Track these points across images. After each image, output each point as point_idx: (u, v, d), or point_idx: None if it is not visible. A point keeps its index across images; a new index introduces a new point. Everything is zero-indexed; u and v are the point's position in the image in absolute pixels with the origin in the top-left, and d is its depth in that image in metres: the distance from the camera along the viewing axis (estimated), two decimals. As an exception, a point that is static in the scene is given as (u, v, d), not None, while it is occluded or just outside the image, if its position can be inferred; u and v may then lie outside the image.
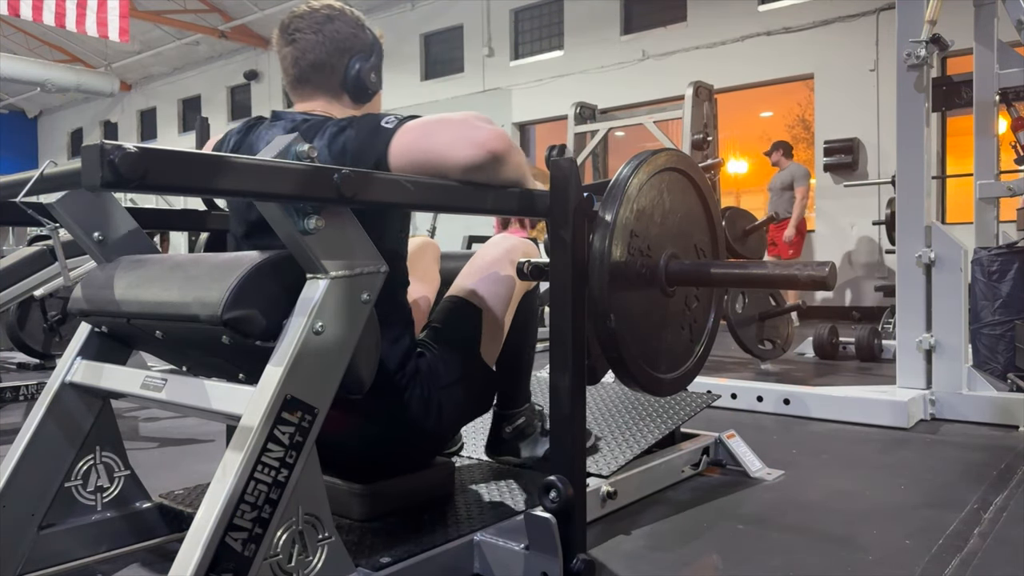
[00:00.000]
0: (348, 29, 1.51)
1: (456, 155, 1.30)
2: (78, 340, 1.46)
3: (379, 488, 1.56)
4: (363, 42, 1.53)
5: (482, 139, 1.31)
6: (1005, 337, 3.13)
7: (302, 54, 1.49)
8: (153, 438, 2.75)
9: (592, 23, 10.24)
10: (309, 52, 1.49)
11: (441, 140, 1.31)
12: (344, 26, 1.51)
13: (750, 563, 1.56)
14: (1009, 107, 3.39)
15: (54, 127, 19.38)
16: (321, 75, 1.51)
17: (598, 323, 1.40)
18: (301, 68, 1.50)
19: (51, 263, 3.17)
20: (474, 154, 1.30)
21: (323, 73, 1.50)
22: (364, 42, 1.53)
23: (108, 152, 0.87)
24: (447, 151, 1.30)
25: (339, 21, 1.51)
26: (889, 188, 5.40)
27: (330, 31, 1.49)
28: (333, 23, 1.50)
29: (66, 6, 8.91)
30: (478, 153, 1.30)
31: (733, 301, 4.13)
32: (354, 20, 1.54)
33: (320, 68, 1.50)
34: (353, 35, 1.52)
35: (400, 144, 1.32)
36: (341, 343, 1.14)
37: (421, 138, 1.32)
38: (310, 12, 1.51)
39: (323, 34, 1.49)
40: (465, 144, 1.30)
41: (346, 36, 1.51)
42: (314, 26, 1.50)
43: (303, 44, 1.49)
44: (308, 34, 1.49)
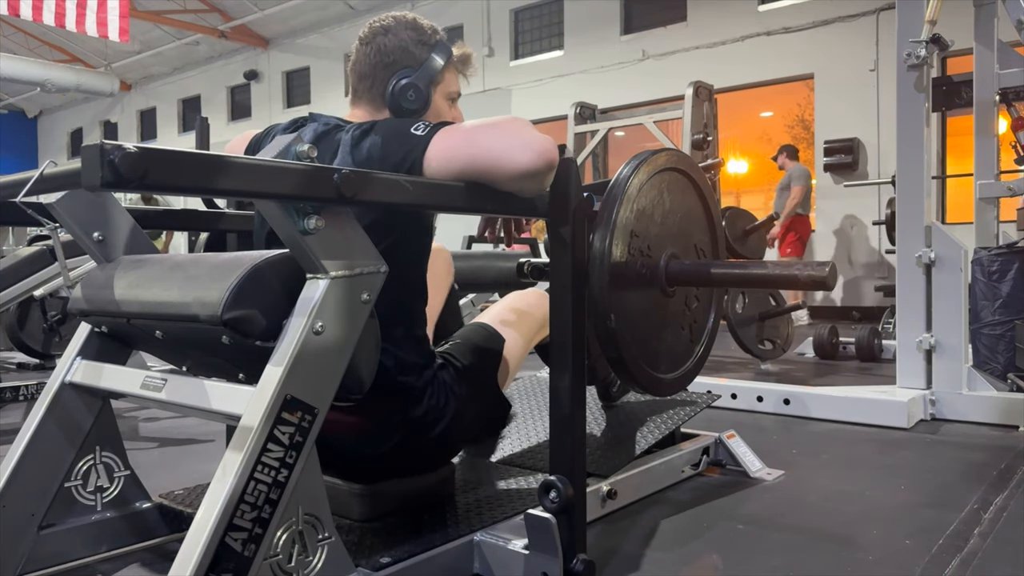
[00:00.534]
0: (398, 44, 1.49)
1: (513, 161, 1.26)
2: (78, 340, 1.46)
3: (379, 488, 1.56)
4: (411, 57, 1.50)
5: (539, 146, 1.27)
6: (1005, 337, 3.13)
7: (355, 64, 1.52)
8: (153, 438, 2.75)
9: (592, 23, 10.24)
10: (358, 63, 1.51)
11: (493, 145, 1.27)
12: (395, 40, 1.49)
13: (750, 563, 1.56)
14: (1009, 107, 3.39)
15: (54, 127, 19.38)
16: (364, 86, 1.51)
17: (598, 323, 1.40)
18: (354, 77, 1.52)
19: (51, 263, 3.17)
20: (533, 160, 1.26)
21: (366, 84, 1.51)
22: (412, 58, 1.50)
23: (108, 152, 0.87)
24: (501, 156, 1.26)
25: (393, 34, 1.49)
26: (889, 188, 5.40)
27: (380, 43, 1.49)
28: (387, 35, 1.49)
29: (66, 6, 8.91)
30: (537, 160, 1.27)
31: (733, 301, 4.13)
32: (412, 36, 1.50)
33: (364, 79, 1.51)
34: (402, 49, 1.49)
35: (440, 150, 1.29)
36: (341, 343, 1.14)
37: (465, 144, 1.29)
38: (375, 22, 1.52)
39: (372, 46, 1.49)
40: (522, 149, 1.26)
41: (392, 50, 1.49)
42: (369, 37, 1.51)
43: (358, 54, 1.51)
44: (363, 45, 1.51)
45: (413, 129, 1.34)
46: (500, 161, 1.27)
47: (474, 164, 1.28)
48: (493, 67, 11.23)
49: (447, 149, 1.30)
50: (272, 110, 14.08)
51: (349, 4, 12.56)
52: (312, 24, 13.27)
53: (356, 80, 1.52)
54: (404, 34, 1.50)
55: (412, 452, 1.53)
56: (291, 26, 13.67)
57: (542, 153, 1.27)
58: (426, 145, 1.31)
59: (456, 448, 1.68)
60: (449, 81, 1.57)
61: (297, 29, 13.69)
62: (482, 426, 1.66)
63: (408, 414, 1.45)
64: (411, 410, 1.45)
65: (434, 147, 1.30)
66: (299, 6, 12.76)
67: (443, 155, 1.30)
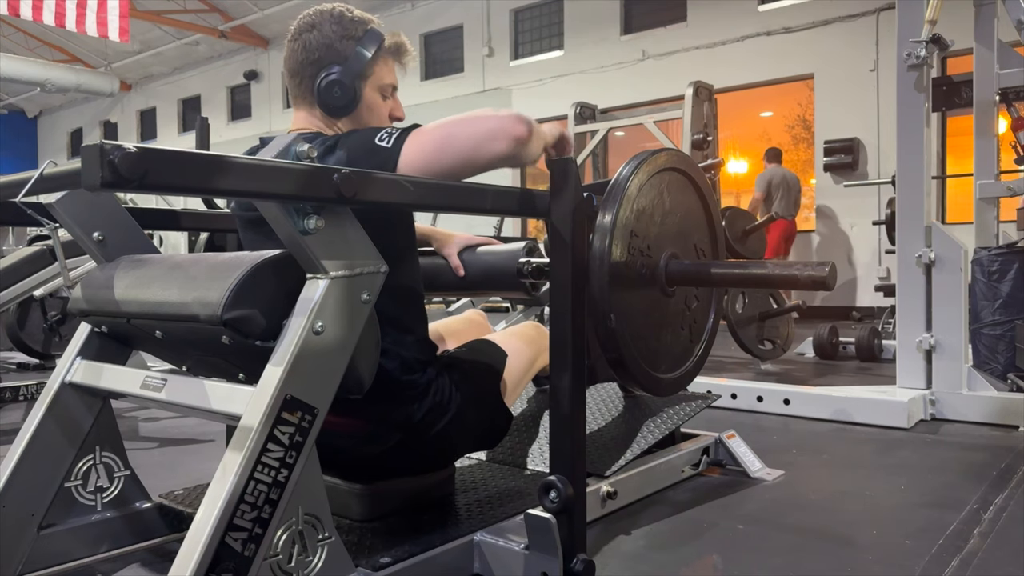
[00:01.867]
0: (323, 39, 1.45)
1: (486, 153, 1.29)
2: (78, 340, 1.46)
3: (379, 488, 1.56)
4: (335, 53, 1.45)
5: (506, 131, 1.30)
6: (1005, 337, 3.13)
7: (285, 60, 1.49)
8: (153, 438, 2.75)
9: (592, 23, 10.24)
10: (287, 59, 1.48)
11: (465, 144, 1.29)
12: (320, 35, 1.45)
13: (750, 563, 1.56)
14: (1009, 107, 3.39)
15: (54, 127, 19.38)
16: (294, 83, 1.48)
17: (598, 323, 1.40)
18: (286, 77, 1.50)
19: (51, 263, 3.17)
20: (505, 147, 1.30)
21: (295, 82, 1.48)
22: (337, 53, 1.45)
23: (108, 152, 0.87)
24: (476, 152, 1.29)
25: (318, 29, 1.45)
26: (889, 188, 5.40)
27: (305, 40, 1.45)
28: (311, 32, 1.45)
29: (66, 6, 8.90)
30: (509, 145, 1.30)
31: (733, 301, 4.13)
32: (336, 31, 1.45)
33: (294, 76, 1.48)
34: (326, 45, 1.45)
35: (412, 160, 1.29)
36: (341, 343, 1.14)
37: (436, 150, 1.29)
38: (304, 17, 1.48)
39: (299, 41, 1.46)
40: (491, 139, 1.29)
41: (318, 46, 1.44)
42: (295, 33, 1.47)
43: (287, 51, 1.49)
44: (291, 40, 1.48)
45: (378, 140, 1.31)
46: (475, 156, 1.29)
47: (451, 168, 1.29)
48: (493, 67, 11.23)
49: (419, 157, 1.29)
50: (272, 110, 14.08)
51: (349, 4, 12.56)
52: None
53: (288, 79, 1.49)
54: (328, 29, 1.45)
55: (412, 452, 1.53)
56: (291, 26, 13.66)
57: (511, 135, 1.30)
58: (396, 157, 1.29)
59: (457, 451, 1.68)
60: (381, 74, 1.51)
61: (297, 29, 13.67)
62: (483, 432, 1.65)
63: (409, 413, 1.45)
64: (412, 409, 1.45)
65: (405, 158, 1.29)
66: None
67: (416, 165, 1.29)
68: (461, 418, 1.50)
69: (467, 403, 1.52)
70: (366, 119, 1.51)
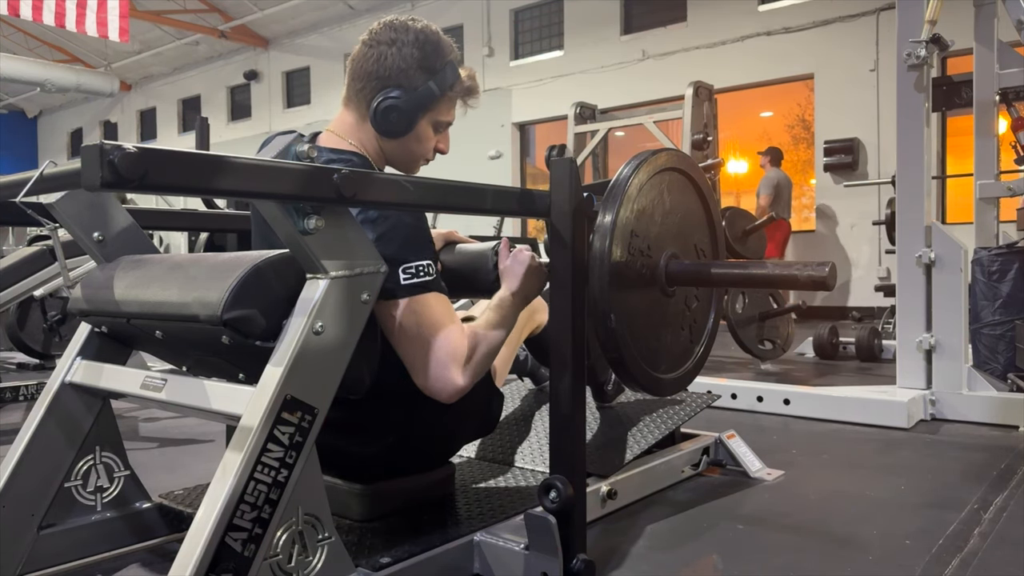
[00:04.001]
0: (400, 60, 1.41)
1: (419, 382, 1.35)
2: (78, 340, 1.46)
3: (379, 488, 1.56)
4: (408, 79, 1.42)
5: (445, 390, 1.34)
6: (1005, 337, 3.13)
7: (353, 60, 1.45)
8: (153, 438, 2.75)
9: (592, 23, 10.24)
10: (356, 59, 1.44)
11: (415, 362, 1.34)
12: (399, 55, 1.41)
13: (750, 563, 1.56)
14: (1009, 107, 3.39)
15: (54, 127, 19.38)
16: (355, 88, 1.45)
17: (598, 323, 1.40)
18: (349, 73, 1.46)
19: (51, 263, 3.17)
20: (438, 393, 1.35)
21: (356, 87, 1.45)
22: (409, 79, 1.42)
23: (108, 152, 0.87)
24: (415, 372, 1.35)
25: (399, 48, 1.41)
26: (889, 188, 5.40)
27: (381, 52, 1.41)
28: (392, 47, 1.41)
29: (66, 6, 8.90)
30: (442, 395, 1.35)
31: (733, 301, 4.12)
32: (417, 57, 1.42)
33: (356, 80, 1.45)
34: (401, 69, 1.41)
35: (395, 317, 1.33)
36: (341, 343, 1.14)
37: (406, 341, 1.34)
38: (384, 26, 1.45)
39: (375, 50, 1.42)
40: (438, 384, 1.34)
41: (391, 65, 1.41)
42: (374, 40, 1.43)
43: (359, 51, 1.45)
44: (367, 47, 1.44)
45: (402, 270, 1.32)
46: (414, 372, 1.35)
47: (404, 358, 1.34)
48: (493, 67, 11.23)
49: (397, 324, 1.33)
50: (272, 110, 14.08)
51: (349, 4, 12.56)
52: (312, 24, 13.27)
53: (351, 78, 1.46)
54: (408, 51, 1.42)
55: (410, 451, 1.54)
56: (291, 26, 13.67)
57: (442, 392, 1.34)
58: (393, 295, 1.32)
59: (456, 444, 1.68)
60: (443, 110, 1.49)
61: (297, 29, 13.69)
62: (481, 420, 1.66)
63: (404, 415, 1.45)
64: (406, 411, 1.45)
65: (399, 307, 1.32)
66: (299, 6, 12.76)
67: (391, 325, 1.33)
68: (456, 412, 1.51)
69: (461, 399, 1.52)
70: (412, 148, 1.50)
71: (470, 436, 1.69)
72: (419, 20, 1.47)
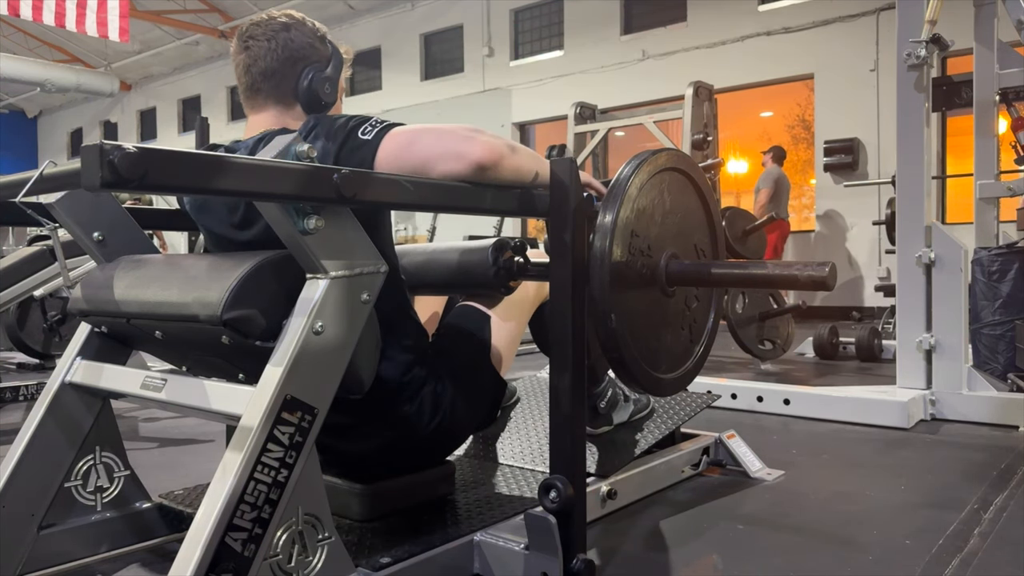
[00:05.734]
0: (304, 39, 1.48)
1: (438, 168, 1.31)
2: (78, 340, 1.46)
3: (379, 488, 1.56)
4: (319, 53, 1.49)
5: (467, 151, 1.31)
6: (1005, 337, 3.13)
7: (254, 61, 1.46)
8: (153, 438, 2.75)
9: (592, 23, 10.24)
10: (260, 60, 1.45)
11: (424, 152, 1.31)
12: (300, 36, 1.47)
13: (750, 563, 1.56)
14: (1009, 107, 3.39)
15: (54, 127, 19.38)
16: (271, 83, 1.46)
17: (599, 323, 1.40)
18: (253, 76, 1.46)
19: (51, 263, 3.17)
20: (456, 167, 1.31)
21: (273, 81, 1.46)
22: (321, 53, 1.49)
23: (108, 152, 0.87)
24: (427, 164, 1.31)
25: (296, 30, 1.47)
26: (889, 188, 5.40)
27: (284, 39, 1.46)
28: (289, 32, 1.46)
29: (66, 6, 8.90)
30: (460, 166, 1.31)
31: (733, 301, 4.12)
32: (312, 31, 1.50)
33: (270, 76, 1.46)
34: (309, 45, 1.48)
35: (386, 154, 1.31)
36: (341, 343, 1.14)
37: (405, 148, 1.32)
38: (267, 20, 1.48)
39: (276, 41, 1.45)
40: (448, 158, 1.30)
41: (301, 45, 1.47)
42: (268, 33, 1.46)
43: (255, 51, 1.45)
44: (261, 41, 1.45)
45: (362, 134, 1.33)
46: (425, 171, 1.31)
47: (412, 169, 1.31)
48: (493, 67, 11.23)
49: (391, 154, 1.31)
50: (272, 110, 14.06)
51: (349, 4, 12.57)
52: None
53: (259, 78, 1.46)
54: (304, 29, 1.48)
55: (413, 447, 1.53)
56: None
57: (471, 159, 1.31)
58: (375, 151, 1.31)
59: (459, 439, 1.67)
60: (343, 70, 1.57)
61: (297, 29, 13.67)
62: (484, 412, 1.66)
63: (404, 413, 1.45)
64: (407, 409, 1.45)
65: (382, 152, 1.31)
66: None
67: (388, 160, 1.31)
68: (456, 407, 1.51)
69: (460, 391, 1.53)
70: None
71: (471, 430, 1.69)
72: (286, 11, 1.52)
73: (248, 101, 1.50)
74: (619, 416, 2.03)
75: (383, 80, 12.64)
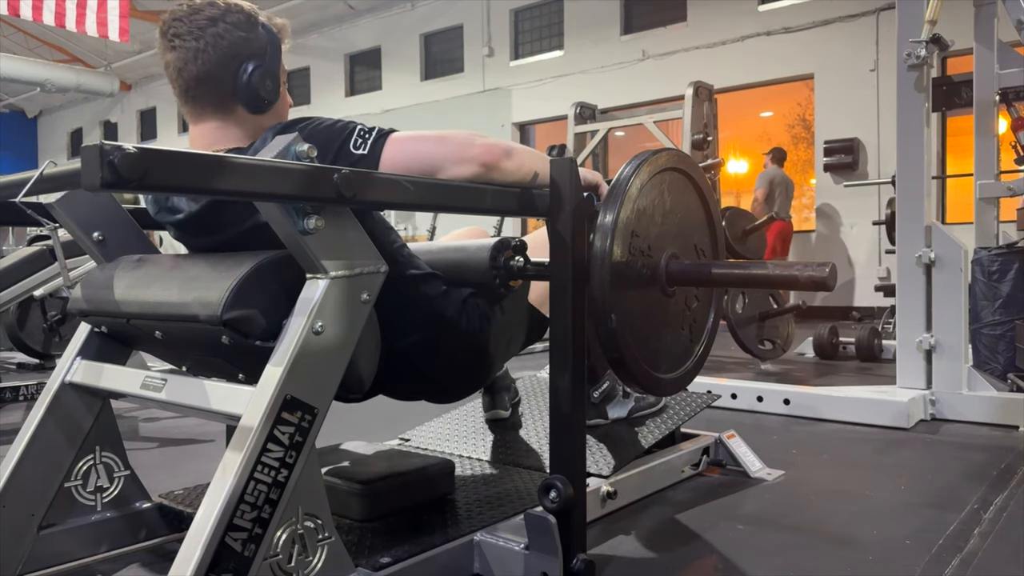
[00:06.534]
0: (235, 32, 1.34)
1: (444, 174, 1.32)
2: (78, 340, 1.46)
3: (379, 488, 1.56)
4: (254, 45, 1.35)
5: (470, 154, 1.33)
6: (1005, 337, 3.13)
7: (184, 64, 1.33)
8: (153, 438, 2.75)
9: (592, 23, 10.24)
10: (191, 63, 1.32)
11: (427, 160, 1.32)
12: (230, 29, 1.33)
13: (750, 563, 1.56)
14: (1009, 107, 3.39)
15: (54, 127, 19.38)
16: (206, 88, 1.34)
17: (599, 323, 1.40)
18: (185, 80, 1.34)
19: (51, 263, 3.17)
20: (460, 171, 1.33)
21: (208, 86, 1.34)
22: (255, 44, 1.36)
23: (108, 152, 0.87)
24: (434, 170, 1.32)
25: (223, 23, 1.33)
26: (889, 188, 5.40)
27: (212, 36, 1.32)
28: (216, 26, 1.32)
29: (66, 6, 8.91)
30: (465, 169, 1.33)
31: (733, 301, 4.12)
32: (243, 19, 1.36)
33: (204, 81, 1.33)
34: (243, 39, 1.34)
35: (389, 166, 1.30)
36: (341, 343, 1.14)
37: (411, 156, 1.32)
38: (190, 14, 1.33)
39: (204, 40, 1.32)
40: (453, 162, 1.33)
41: (232, 41, 1.33)
42: (195, 31, 1.32)
43: (184, 53, 1.32)
44: (189, 41, 1.32)
45: (354, 147, 1.28)
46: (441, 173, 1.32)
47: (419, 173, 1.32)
48: (493, 67, 11.23)
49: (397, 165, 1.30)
50: (272, 110, 14.06)
51: (349, 4, 12.56)
52: (312, 24, 13.27)
53: (193, 84, 1.33)
54: (233, 18, 1.34)
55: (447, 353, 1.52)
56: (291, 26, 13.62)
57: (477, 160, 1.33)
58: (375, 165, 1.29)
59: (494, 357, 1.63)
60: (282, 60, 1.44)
61: (297, 29, 13.62)
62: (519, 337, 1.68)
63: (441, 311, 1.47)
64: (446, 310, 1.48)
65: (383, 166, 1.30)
66: (299, 6, 12.76)
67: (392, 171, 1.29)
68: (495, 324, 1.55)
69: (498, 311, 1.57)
70: (282, 111, 1.46)
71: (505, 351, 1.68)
72: None
73: (185, 106, 1.38)
74: (615, 412, 2.02)
75: (383, 80, 12.64)
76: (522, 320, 1.69)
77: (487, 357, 1.60)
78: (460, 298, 1.53)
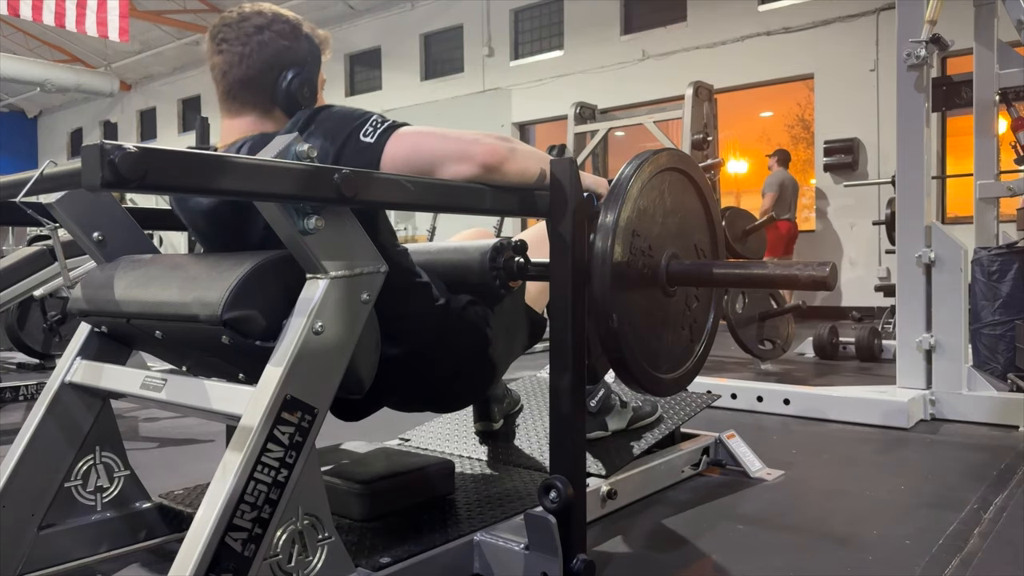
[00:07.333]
0: (279, 41, 1.41)
1: (444, 171, 1.33)
2: (78, 340, 1.46)
3: (379, 488, 1.56)
4: (296, 54, 1.43)
5: (473, 153, 1.33)
6: (1005, 337, 3.13)
7: (229, 68, 1.40)
8: (153, 438, 2.75)
9: (592, 23, 10.24)
10: (236, 67, 1.39)
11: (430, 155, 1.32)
12: (275, 37, 1.41)
13: (750, 563, 1.56)
14: (1009, 107, 3.39)
15: (54, 127, 19.37)
16: (249, 91, 1.41)
17: (600, 323, 1.40)
18: (229, 82, 1.41)
19: (51, 263, 3.17)
20: (462, 169, 1.33)
21: (251, 89, 1.41)
22: (297, 54, 1.43)
23: (108, 152, 0.87)
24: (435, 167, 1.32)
25: (269, 31, 1.40)
26: (889, 188, 5.40)
27: (258, 43, 1.39)
28: (262, 34, 1.40)
29: (66, 6, 8.90)
30: (466, 168, 1.33)
31: (733, 301, 4.12)
32: (288, 29, 1.43)
33: (247, 84, 1.40)
34: (286, 48, 1.41)
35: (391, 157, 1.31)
36: (341, 343, 1.14)
37: (412, 151, 1.32)
38: (239, 21, 1.41)
39: (250, 47, 1.39)
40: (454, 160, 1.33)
41: (277, 49, 1.40)
42: (242, 38, 1.40)
43: (230, 57, 1.40)
44: (236, 46, 1.39)
45: (363, 136, 1.32)
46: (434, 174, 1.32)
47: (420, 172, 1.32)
48: (493, 67, 11.23)
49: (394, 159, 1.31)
50: (272, 110, 14.06)
51: (349, 4, 12.56)
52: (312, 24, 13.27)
53: (236, 86, 1.41)
54: (279, 28, 1.42)
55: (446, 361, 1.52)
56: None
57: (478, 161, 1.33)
58: (379, 155, 1.31)
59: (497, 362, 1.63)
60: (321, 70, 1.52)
61: (297, 29, 13.68)
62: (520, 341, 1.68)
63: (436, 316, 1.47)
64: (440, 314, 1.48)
65: (386, 155, 1.31)
66: (299, 6, 12.74)
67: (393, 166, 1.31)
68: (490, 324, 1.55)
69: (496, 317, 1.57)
70: None
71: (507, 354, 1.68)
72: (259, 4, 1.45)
73: (225, 104, 1.45)
74: (614, 423, 2.00)
75: (383, 80, 12.63)
76: (521, 322, 1.69)
77: (489, 363, 1.61)
78: (460, 306, 1.53)
